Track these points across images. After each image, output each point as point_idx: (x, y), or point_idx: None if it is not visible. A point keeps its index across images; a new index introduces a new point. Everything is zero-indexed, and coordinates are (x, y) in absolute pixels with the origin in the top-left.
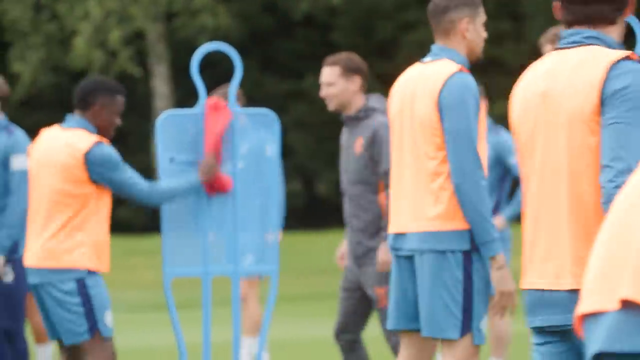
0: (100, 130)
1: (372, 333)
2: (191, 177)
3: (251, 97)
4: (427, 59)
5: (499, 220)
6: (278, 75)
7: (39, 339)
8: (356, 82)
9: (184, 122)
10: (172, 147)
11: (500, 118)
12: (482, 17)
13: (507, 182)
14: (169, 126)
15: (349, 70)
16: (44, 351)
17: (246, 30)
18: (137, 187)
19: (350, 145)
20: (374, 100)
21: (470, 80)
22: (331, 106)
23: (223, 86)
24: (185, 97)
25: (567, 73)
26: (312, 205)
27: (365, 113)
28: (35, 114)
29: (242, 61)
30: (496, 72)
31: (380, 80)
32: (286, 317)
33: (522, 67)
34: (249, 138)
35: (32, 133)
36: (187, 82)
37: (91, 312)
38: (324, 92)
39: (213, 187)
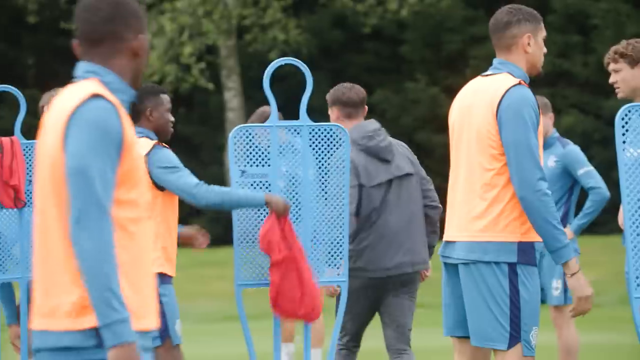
0: (159, 133)
1: None
2: (257, 194)
3: (322, 110)
4: (487, 72)
5: (567, 232)
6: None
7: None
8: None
9: (257, 135)
10: (244, 160)
11: (568, 130)
12: (543, 32)
13: (574, 193)
14: (241, 139)
15: None
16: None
17: (316, 44)
18: (184, 180)
19: None
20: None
21: (528, 93)
22: None
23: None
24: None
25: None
26: None
27: None
28: None
29: (312, 75)
30: (565, 84)
31: (448, 94)
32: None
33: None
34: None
35: None
36: (257, 95)
37: (163, 319)
38: None
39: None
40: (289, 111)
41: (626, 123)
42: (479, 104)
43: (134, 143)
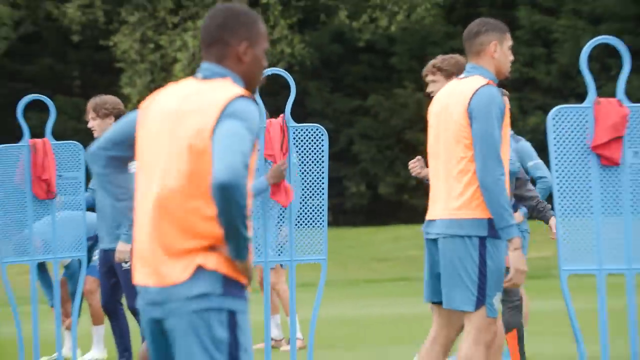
0: None
1: None
2: (260, 183)
3: (323, 113)
4: (462, 75)
5: (517, 215)
6: (346, 95)
7: (96, 321)
8: None
9: None
10: None
11: (534, 128)
12: (508, 41)
13: None
14: None
15: None
16: (98, 330)
17: (318, 57)
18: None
19: None
20: None
21: (495, 92)
22: None
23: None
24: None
25: None
26: (375, 204)
27: None
28: None
29: (315, 83)
30: (530, 89)
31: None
32: (353, 298)
33: (552, 85)
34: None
35: None
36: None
37: None
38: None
39: (276, 193)
40: (299, 113)
41: (556, 123)
42: (455, 102)
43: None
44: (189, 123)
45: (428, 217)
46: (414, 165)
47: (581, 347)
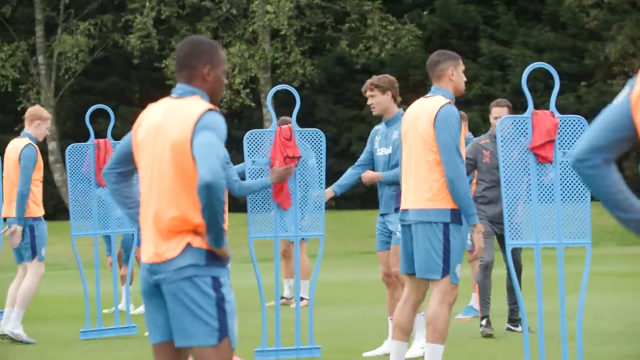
0: None
1: None
2: (265, 180)
3: (328, 121)
4: (428, 95)
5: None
6: (346, 106)
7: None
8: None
9: (262, 137)
10: (254, 154)
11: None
12: (462, 66)
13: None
14: (252, 139)
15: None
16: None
17: (324, 76)
18: (229, 172)
19: None
20: None
21: (454, 109)
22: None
23: (284, 117)
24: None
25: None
26: (369, 193)
27: None
28: None
29: (322, 97)
30: (489, 103)
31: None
32: (350, 266)
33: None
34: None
35: None
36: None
37: None
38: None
39: (278, 195)
40: (308, 120)
41: (503, 130)
42: (422, 116)
43: None
44: (170, 134)
45: (402, 207)
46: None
47: (521, 304)
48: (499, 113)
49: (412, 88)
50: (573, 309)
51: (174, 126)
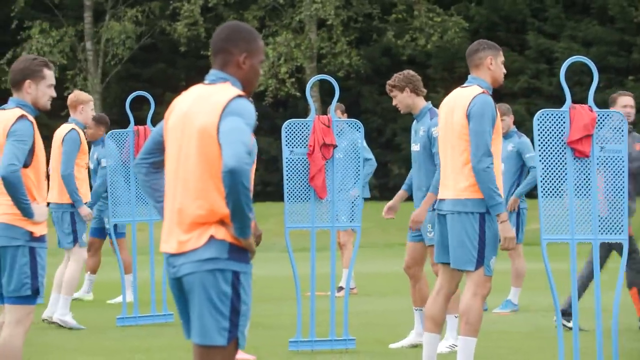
0: None
1: None
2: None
3: (374, 111)
4: (464, 84)
5: (513, 199)
6: (391, 98)
7: (127, 271)
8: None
9: (301, 127)
10: (292, 143)
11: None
12: (501, 57)
13: (524, 171)
14: (291, 129)
15: None
16: (129, 279)
17: (370, 67)
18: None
19: None
20: None
21: (489, 99)
22: None
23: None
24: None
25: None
26: None
27: None
28: None
29: (367, 87)
30: (536, 97)
31: None
32: (391, 257)
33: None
34: (347, 137)
35: None
36: (328, 100)
37: None
38: None
39: (313, 180)
40: (354, 110)
41: (540, 123)
42: (457, 106)
43: None
44: (197, 121)
45: (439, 197)
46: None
47: (555, 298)
48: (627, 102)
49: (457, 80)
50: (609, 305)
51: (201, 113)
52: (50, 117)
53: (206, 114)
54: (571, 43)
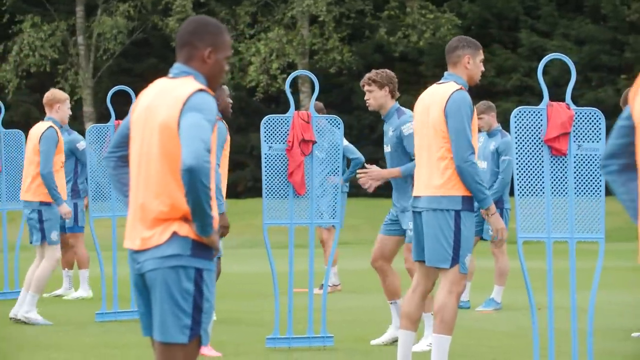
0: (224, 113)
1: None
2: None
3: (366, 108)
4: (441, 81)
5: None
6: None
7: (82, 266)
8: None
9: (280, 122)
10: (272, 139)
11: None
12: (480, 56)
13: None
14: (269, 125)
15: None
16: (84, 274)
17: (362, 64)
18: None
19: None
20: None
21: (466, 95)
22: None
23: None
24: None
25: None
26: None
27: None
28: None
29: (358, 84)
30: (529, 95)
31: None
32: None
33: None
34: (328, 138)
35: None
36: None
37: None
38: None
39: (291, 176)
40: (346, 107)
41: (517, 121)
42: (434, 102)
43: None
44: (159, 115)
45: (415, 193)
46: (363, 182)
47: (530, 296)
48: None
49: None
50: (584, 304)
51: (163, 107)
52: (41, 111)
53: (167, 108)
54: (564, 41)
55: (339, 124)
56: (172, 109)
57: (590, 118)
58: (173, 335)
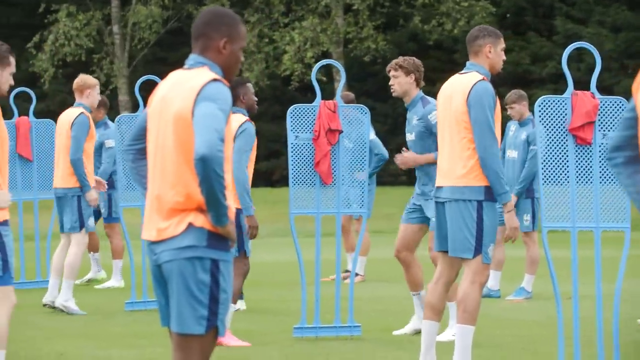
0: (250, 110)
1: None
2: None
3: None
4: (463, 71)
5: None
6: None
7: (116, 256)
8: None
9: (306, 112)
10: (298, 129)
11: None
12: (501, 44)
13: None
14: (296, 114)
15: None
16: (117, 264)
17: (397, 52)
18: (238, 158)
19: None
20: None
21: (489, 86)
22: None
23: (347, 93)
24: (355, 95)
25: None
26: None
27: None
28: (259, 105)
29: None
30: (564, 82)
31: None
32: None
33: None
34: (356, 128)
35: (259, 117)
36: (355, 85)
37: (240, 237)
38: None
39: (318, 166)
40: (381, 95)
41: (542, 110)
42: (456, 93)
43: None
44: (173, 106)
45: (437, 184)
46: (399, 162)
47: (555, 286)
48: None
49: None
50: (610, 293)
51: (177, 98)
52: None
53: (182, 99)
54: (599, 28)
55: (365, 112)
56: (186, 100)
57: (615, 107)
58: (190, 326)
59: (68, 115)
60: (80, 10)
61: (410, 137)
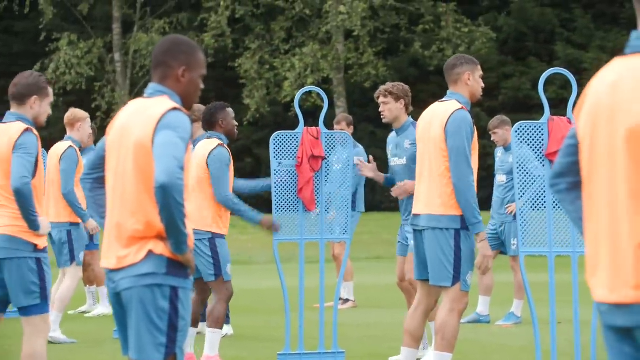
0: (229, 135)
1: None
2: (256, 215)
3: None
4: (443, 99)
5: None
6: (419, 108)
7: (100, 283)
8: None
9: (289, 138)
10: (281, 155)
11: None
12: (479, 72)
13: None
14: (279, 141)
15: None
16: (103, 291)
17: (397, 78)
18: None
19: None
20: None
21: (467, 115)
22: None
23: (345, 115)
24: (356, 121)
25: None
26: None
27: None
28: (259, 131)
29: None
30: (564, 107)
31: (487, 113)
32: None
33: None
34: (347, 150)
35: (259, 144)
36: (358, 111)
37: (217, 263)
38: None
39: (301, 192)
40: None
41: (519, 135)
42: (435, 121)
43: None
44: (133, 135)
45: (414, 211)
46: (397, 194)
47: (533, 311)
48: None
49: (485, 91)
50: (587, 318)
51: (137, 126)
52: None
53: (142, 127)
54: (600, 54)
55: (347, 139)
56: (146, 128)
57: None
58: (148, 353)
59: (57, 149)
60: (82, 39)
61: (399, 161)
